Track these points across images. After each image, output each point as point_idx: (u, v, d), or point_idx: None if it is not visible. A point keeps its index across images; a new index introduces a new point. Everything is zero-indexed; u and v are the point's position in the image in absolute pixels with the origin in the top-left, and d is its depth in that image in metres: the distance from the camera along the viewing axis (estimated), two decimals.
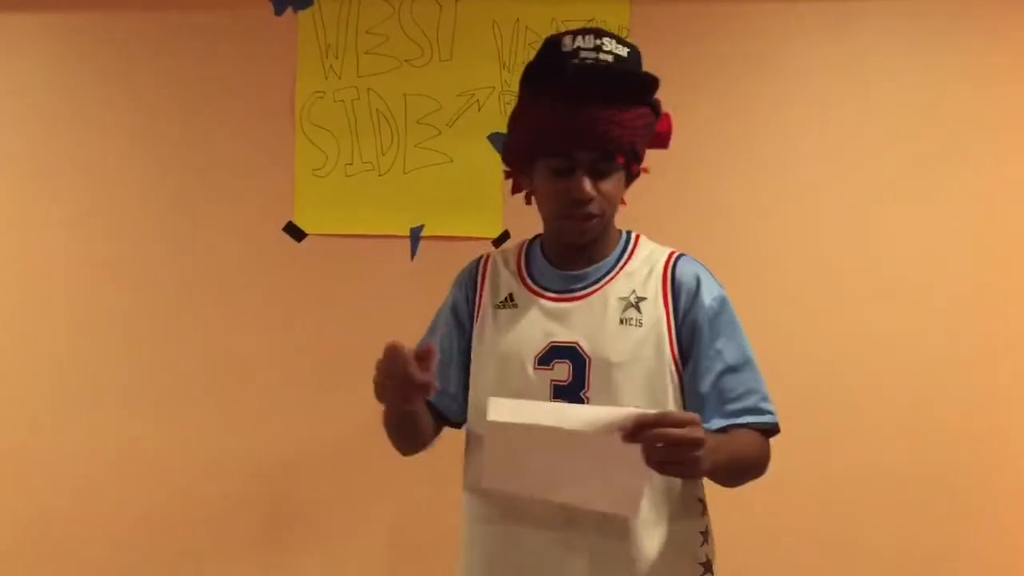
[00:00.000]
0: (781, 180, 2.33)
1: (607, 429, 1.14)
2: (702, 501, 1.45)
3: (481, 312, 1.47)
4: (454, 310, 1.52)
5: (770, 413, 1.39)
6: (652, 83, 1.38)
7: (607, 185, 1.37)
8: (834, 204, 2.31)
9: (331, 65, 2.43)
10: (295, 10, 2.44)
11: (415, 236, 2.39)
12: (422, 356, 1.21)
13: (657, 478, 1.31)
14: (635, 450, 1.13)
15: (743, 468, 1.34)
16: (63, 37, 2.52)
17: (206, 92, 2.47)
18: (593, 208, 1.36)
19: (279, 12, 2.44)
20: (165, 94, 2.48)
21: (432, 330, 1.54)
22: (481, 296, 1.48)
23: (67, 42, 2.51)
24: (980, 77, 2.28)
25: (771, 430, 1.40)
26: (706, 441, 1.14)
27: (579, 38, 1.34)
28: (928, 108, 2.29)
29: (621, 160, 1.36)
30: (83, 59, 2.51)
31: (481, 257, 1.54)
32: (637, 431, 1.12)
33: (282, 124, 2.44)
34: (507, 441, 1.21)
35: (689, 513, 1.41)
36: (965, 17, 2.28)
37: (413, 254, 2.39)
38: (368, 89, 2.42)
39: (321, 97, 2.43)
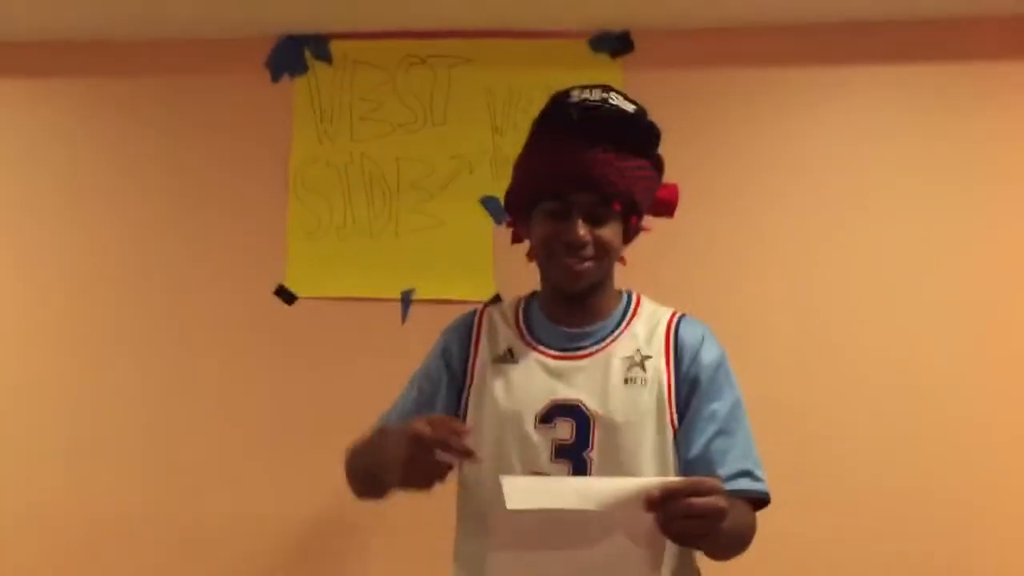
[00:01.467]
0: (775, 244, 2.33)
1: (632, 501, 1.07)
2: (698, 571, 1.41)
3: (478, 365, 1.42)
4: (445, 356, 1.46)
5: (762, 481, 1.35)
6: (654, 133, 1.38)
7: (604, 232, 1.35)
8: (830, 269, 2.31)
9: (325, 130, 2.45)
10: (291, 76, 2.47)
11: (406, 299, 2.38)
12: (472, 456, 1.14)
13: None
14: (651, 522, 1.07)
15: (736, 540, 1.29)
16: (58, 102, 2.55)
17: (201, 155, 2.49)
18: (587, 252, 1.34)
19: (276, 79, 2.48)
20: (160, 156, 2.51)
21: (415, 378, 1.49)
22: (477, 348, 1.44)
23: (62, 106, 2.55)
24: (975, 138, 2.31)
25: (761, 500, 1.35)
26: (728, 511, 1.09)
27: (586, 91, 1.35)
28: (923, 171, 2.31)
29: (618, 208, 1.35)
30: (79, 123, 2.55)
31: (476, 309, 1.51)
32: (664, 500, 1.06)
33: (276, 187, 2.46)
34: (520, 526, 1.11)
35: None
36: (957, 86, 2.32)
37: (404, 318, 2.38)
38: (362, 153, 2.44)
39: (315, 161, 2.45)
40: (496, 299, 2.31)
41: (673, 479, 1.09)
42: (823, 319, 2.29)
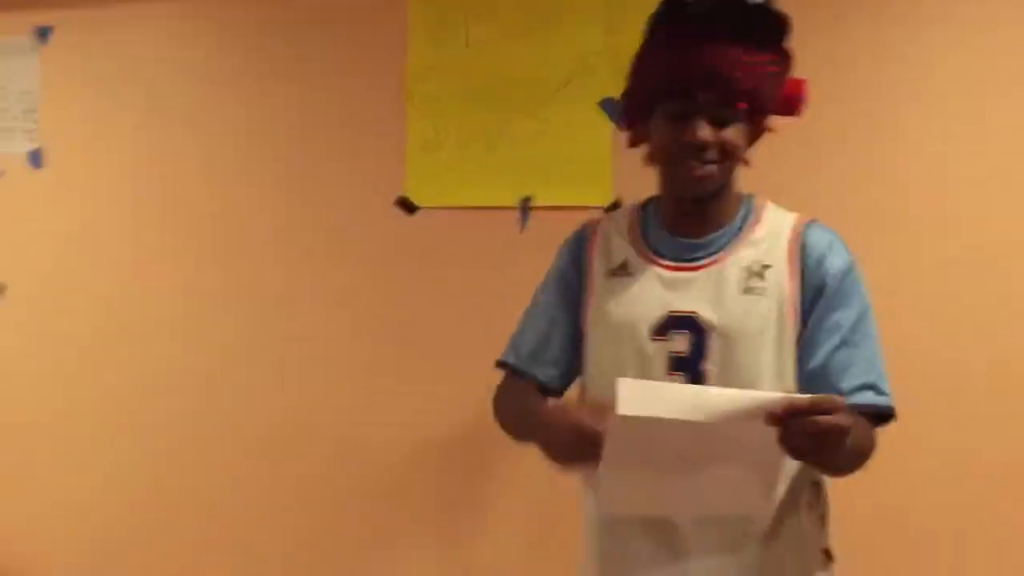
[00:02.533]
0: (906, 139, 2.16)
1: (750, 415, 1.04)
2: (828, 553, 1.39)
3: (593, 280, 1.41)
4: (562, 277, 1.46)
5: (886, 395, 1.30)
6: (783, 23, 1.29)
7: (727, 134, 1.29)
8: (964, 169, 2.12)
9: (441, 37, 2.42)
10: None
11: (524, 207, 2.37)
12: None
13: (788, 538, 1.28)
14: (772, 437, 1.04)
15: (854, 459, 1.25)
16: (177, 24, 2.62)
17: (318, 71, 2.51)
18: (710, 155, 1.29)
19: None
20: (278, 69, 2.54)
21: (536, 300, 1.50)
22: (592, 263, 1.42)
23: (180, 29, 2.61)
24: None
25: (885, 415, 1.30)
26: (850, 429, 1.06)
27: None
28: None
29: (744, 107, 1.28)
30: (197, 43, 2.60)
31: (588, 222, 1.48)
32: (786, 417, 1.03)
33: (393, 98, 2.46)
34: (635, 435, 1.07)
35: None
36: None
37: (523, 226, 2.38)
38: (477, 59, 2.40)
39: (431, 69, 2.43)
40: (615, 206, 2.27)
41: (797, 395, 1.05)
42: (963, 225, 2.13)
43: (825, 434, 1.04)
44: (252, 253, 2.56)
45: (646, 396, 1.06)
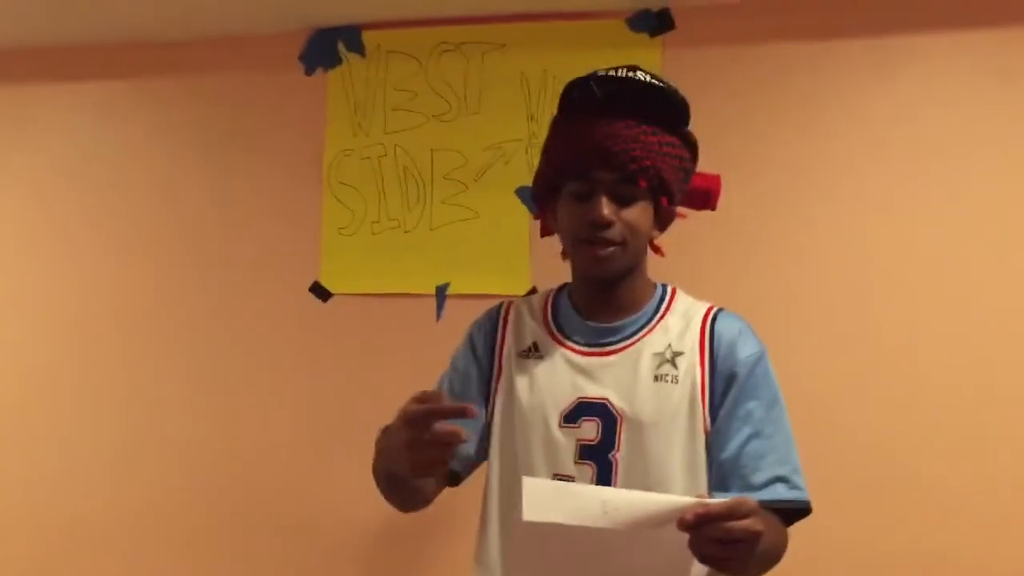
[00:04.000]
0: (821, 226, 2.16)
1: (661, 519, 0.98)
2: None
3: (503, 361, 1.35)
4: (472, 351, 1.40)
5: (800, 489, 1.24)
6: (683, 107, 1.28)
7: (630, 213, 1.26)
8: (880, 252, 2.13)
9: (359, 123, 2.40)
10: (325, 69, 2.43)
11: (441, 295, 2.31)
12: (464, 412, 1.03)
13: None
14: (683, 541, 0.98)
15: (766, 561, 1.18)
16: (93, 104, 2.58)
17: (236, 151, 2.48)
18: (613, 235, 1.25)
19: (310, 72, 2.44)
20: (195, 154, 2.50)
21: (444, 377, 1.42)
22: (503, 343, 1.37)
23: (96, 109, 2.58)
24: None
25: (799, 510, 1.24)
26: (764, 534, 1.00)
27: (611, 70, 1.28)
28: (983, 150, 2.12)
29: (644, 185, 1.25)
30: (115, 122, 2.56)
31: (503, 303, 1.43)
32: (698, 523, 0.96)
33: (310, 183, 2.42)
34: (540, 539, 1.03)
35: None
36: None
37: (439, 314, 2.31)
38: (395, 146, 2.38)
39: (349, 155, 2.40)
40: (532, 293, 2.22)
41: (709, 500, 0.98)
42: (885, 312, 2.12)
43: (738, 541, 0.97)
44: (164, 335, 2.47)
45: (552, 499, 1.01)
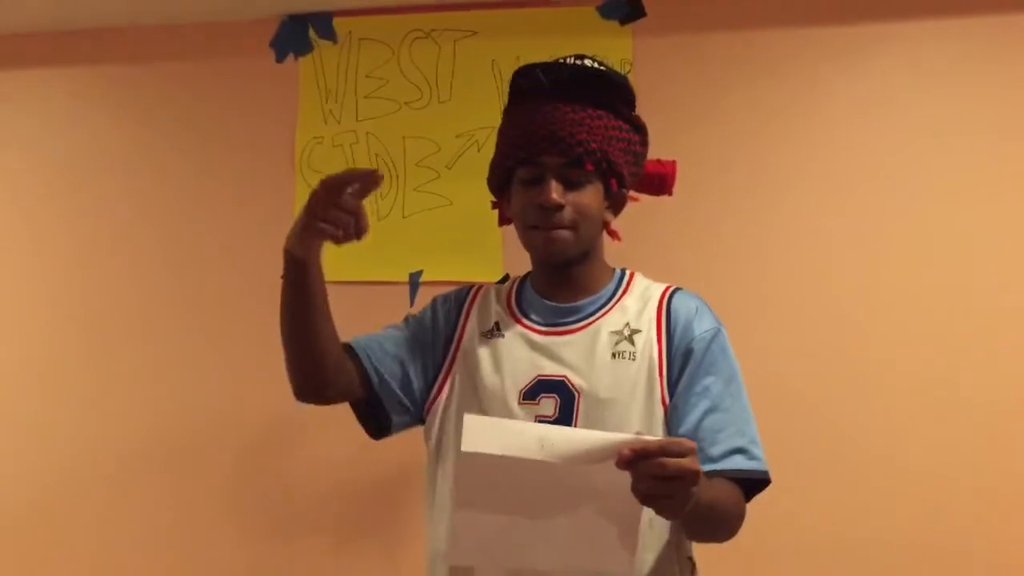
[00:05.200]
0: (787, 216, 2.20)
1: (600, 455, 0.99)
2: (692, 560, 1.31)
3: (465, 337, 1.38)
4: (433, 317, 1.42)
5: (758, 460, 1.26)
6: (627, 91, 1.31)
7: (580, 196, 1.29)
8: (844, 242, 2.17)
9: (331, 110, 2.40)
10: (296, 56, 2.42)
11: (414, 282, 2.31)
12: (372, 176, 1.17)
13: (649, 538, 1.22)
14: (625, 483, 0.99)
15: (719, 521, 1.21)
16: (64, 90, 2.55)
17: (207, 139, 2.47)
18: (563, 218, 1.28)
19: (280, 59, 2.43)
20: (166, 141, 2.49)
21: (387, 326, 1.46)
22: (467, 321, 1.40)
23: (67, 94, 2.55)
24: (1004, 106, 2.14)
25: (758, 481, 1.27)
26: (701, 476, 1.02)
27: (561, 59, 1.32)
28: (948, 140, 2.15)
29: (591, 168, 1.28)
30: (84, 110, 2.54)
31: (475, 285, 1.47)
32: (635, 459, 0.98)
33: (282, 170, 2.41)
34: (481, 474, 1.04)
35: (681, 574, 1.28)
36: (985, 44, 2.15)
37: (412, 301, 2.31)
38: (367, 133, 2.38)
39: (320, 142, 2.39)
40: (505, 280, 2.22)
41: (646, 437, 1.00)
42: (852, 303, 2.16)
43: (674, 478, 0.99)
44: (130, 323, 2.46)
45: (491, 433, 1.02)
